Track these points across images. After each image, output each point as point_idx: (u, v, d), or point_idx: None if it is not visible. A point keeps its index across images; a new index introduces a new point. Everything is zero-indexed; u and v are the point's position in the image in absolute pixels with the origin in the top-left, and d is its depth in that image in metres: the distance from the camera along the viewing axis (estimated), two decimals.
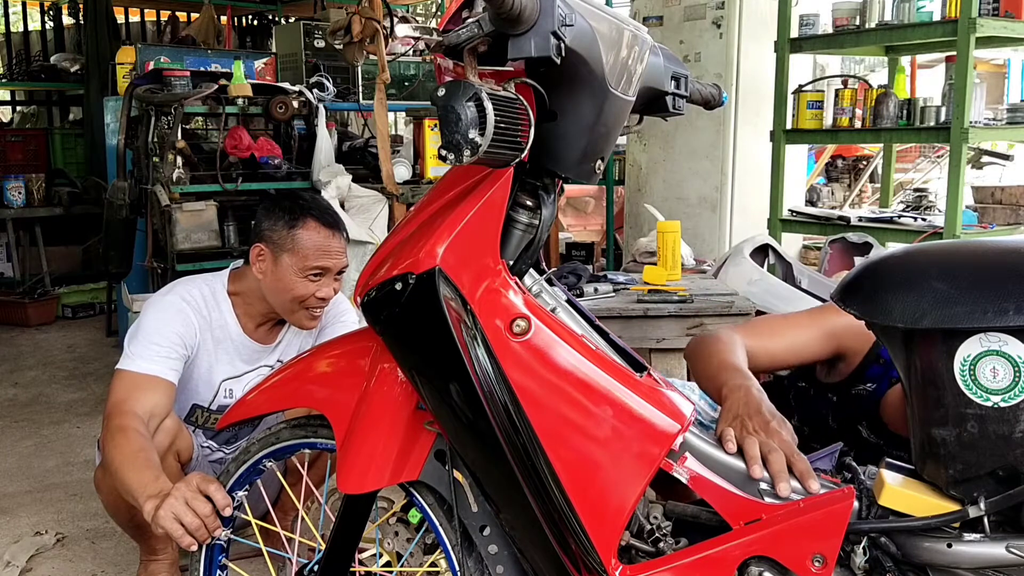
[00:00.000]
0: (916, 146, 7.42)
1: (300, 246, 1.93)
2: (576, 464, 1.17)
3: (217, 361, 2.05)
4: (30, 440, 3.43)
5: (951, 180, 3.42)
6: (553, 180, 1.23)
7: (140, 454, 1.67)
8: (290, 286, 1.95)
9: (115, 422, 1.77)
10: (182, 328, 1.95)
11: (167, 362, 1.90)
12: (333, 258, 1.96)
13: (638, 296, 2.54)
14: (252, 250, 1.98)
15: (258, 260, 1.97)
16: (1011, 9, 3.45)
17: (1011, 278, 1.06)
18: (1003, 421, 1.07)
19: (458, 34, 1.01)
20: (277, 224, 1.96)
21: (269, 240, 1.96)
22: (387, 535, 1.50)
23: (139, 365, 1.87)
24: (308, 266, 1.93)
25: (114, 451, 1.69)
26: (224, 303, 2.04)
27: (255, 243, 1.98)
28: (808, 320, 1.77)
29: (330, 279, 1.97)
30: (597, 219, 6.18)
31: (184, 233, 3.79)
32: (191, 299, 2.00)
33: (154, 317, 1.95)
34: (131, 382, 1.86)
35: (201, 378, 2.05)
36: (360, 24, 3.76)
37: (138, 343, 1.90)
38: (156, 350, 1.89)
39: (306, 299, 1.96)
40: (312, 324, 2.03)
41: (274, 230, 1.95)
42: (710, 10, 4.49)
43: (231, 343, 2.05)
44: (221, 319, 2.03)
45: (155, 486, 1.56)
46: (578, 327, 1.26)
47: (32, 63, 7.59)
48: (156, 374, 1.87)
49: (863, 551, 1.15)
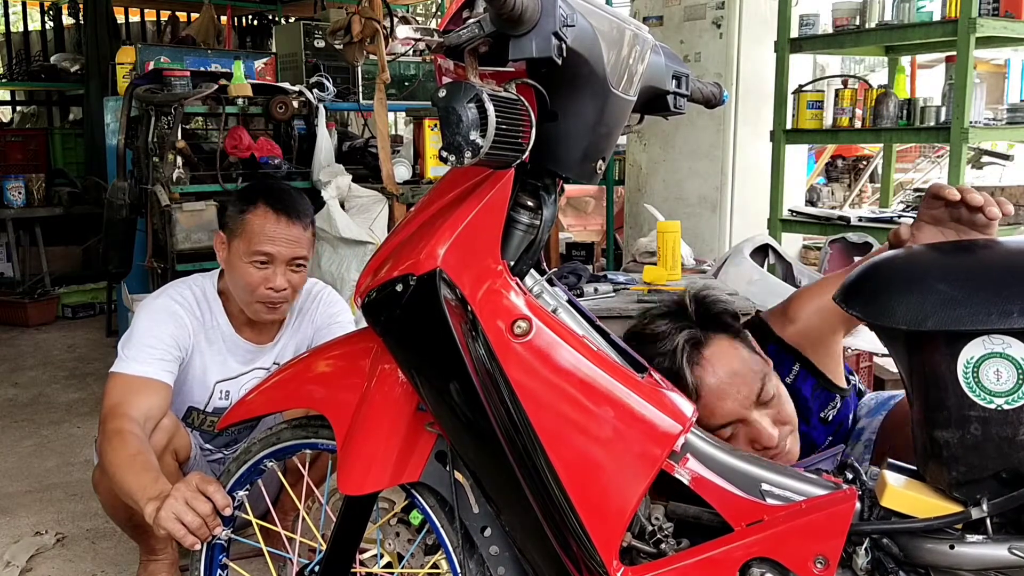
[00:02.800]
0: (916, 146, 7.42)
1: (246, 230, 1.90)
2: (577, 465, 1.17)
3: (211, 362, 2.04)
4: (30, 440, 3.43)
5: (951, 180, 3.41)
6: (554, 180, 1.23)
7: (138, 457, 1.66)
8: (240, 273, 1.91)
9: (111, 425, 1.76)
10: (175, 330, 1.94)
11: (162, 364, 1.89)
12: (279, 244, 1.89)
13: (638, 296, 2.53)
14: (215, 239, 1.97)
15: (220, 248, 1.96)
16: (1011, 9, 3.44)
17: (1015, 280, 1.05)
18: (1006, 423, 1.06)
19: (459, 35, 1.01)
20: (232, 210, 1.94)
21: (226, 227, 1.95)
22: (388, 536, 1.49)
23: (133, 368, 1.86)
24: (252, 250, 1.89)
25: (111, 455, 1.69)
26: (215, 303, 2.03)
27: (217, 232, 1.97)
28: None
29: (280, 267, 1.91)
30: (597, 219, 6.18)
31: (184, 233, 3.79)
32: (183, 300, 1.98)
33: (147, 320, 1.94)
34: (126, 385, 1.85)
35: (196, 379, 2.04)
36: (360, 24, 3.75)
37: (132, 346, 1.89)
38: (150, 352, 1.88)
39: (255, 288, 1.91)
40: (270, 317, 1.98)
41: (230, 216, 1.94)
42: (710, 10, 4.49)
43: (224, 343, 2.04)
44: (213, 319, 2.03)
45: (154, 488, 1.56)
46: (579, 327, 1.25)
47: (32, 63, 7.59)
48: (151, 376, 1.86)
49: (865, 552, 1.15)
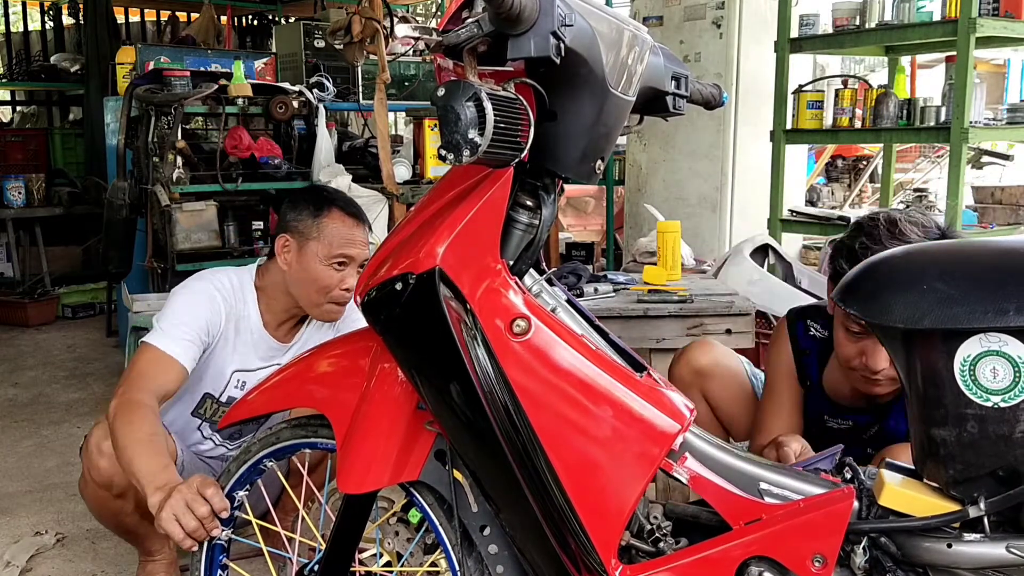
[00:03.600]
0: (916, 146, 7.42)
1: (325, 234, 1.96)
2: (576, 464, 1.17)
3: (234, 352, 2.06)
4: (30, 440, 3.43)
5: (951, 180, 3.42)
6: (553, 180, 1.23)
7: (154, 438, 1.67)
8: (315, 275, 1.96)
9: (132, 395, 1.77)
10: (209, 315, 1.97)
11: (190, 348, 1.91)
12: (357, 247, 1.98)
13: (638, 296, 2.54)
14: (277, 241, 2.01)
15: (283, 251, 2.00)
16: (1011, 9, 3.44)
17: (1011, 278, 1.06)
18: (1003, 421, 1.07)
19: (458, 34, 1.01)
20: (302, 214, 1.99)
21: (295, 230, 1.98)
22: (387, 535, 1.50)
23: (166, 343, 1.88)
24: (333, 254, 1.96)
25: (126, 427, 1.68)
26: (250, 295, 2.06)
27: (281, 234, 2.00)
28: (769, 389, 1.95)
29: (354, 269, 1.99)
30: (597, 219, 6.18)
31: (184, 233, 3.79)
32: (222, 287, 2.02)
33: (185, 300, 1.97)
34: (156, 358, 1.87)
35: (215, 366, 2.06)
36: (360, 24, 3.76)
37: (167, 320, 1.92)
38: (183, 331, 1.91)
39: (331, 289, 1.97)
40: (337, 315, 2.04)
41: (300, 220, 1.98)
42: (710, 10, 4.49)
43: (250, 336, 2.06)
44: (245, 311, 2.05)
45: (163, 477, 1.56)
46: (578, 327, 1.25)
47: (32, 63, 7.59)
48: (176, 357, 1.88)
49: (863, 551, 1.15)
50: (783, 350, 1.93)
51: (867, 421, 1.86)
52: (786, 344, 1.93)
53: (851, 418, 1.88)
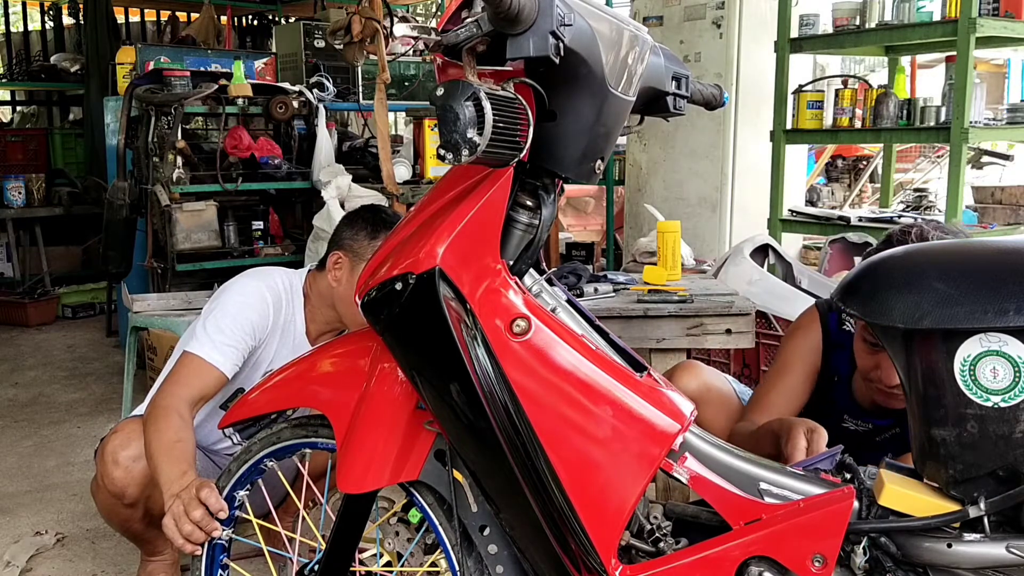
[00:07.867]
0: (916, 146, 7.42)
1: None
2: (576, 464, 1.17)
3: (275, 355, 2.05)
4: (30, 440, 3.44)
5: (951, 180, 3.42)
6: (553, 180, 1.23)
7: (178, 445, 1.68)
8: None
9: (165, 400, 1.78)
10: (258, 318, 1.96)
11: (233, 355, 1.90)
12: None
13: (638, 296, 2.54)
14: (330, 258, 2.01)
15: (335, 267, 2.00)
16: (1011, 9, 3.44)
17: (1011, 278, 1.06)
18: (1003, 421, 1.07)
19: (457, 34, 1.01)
20: (359, 234, 1.99)
21: (349, 248, 1.99)
22: (387, 535, 1.50)
23: (210, 353, 1.87)
24: None
25: (154, 434, 1.71)
26: (298, 300, 2.07)
27: (334, 251, 2.00)
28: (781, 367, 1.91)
29: None
30: (597, 219, 6.18)
31: (184, 233, 3.79)
32: (273, 290, 2.01)
33: (236, 301, 1.95)
34: (196, 367, 1.86)
35: (252, 366, 2.05)
36: (360, 24, 3.76)
37: (214, 324, 1.90)
38: (228, 338, 1.89)
39: None
40: None
41: (355, 239, 1.99)
42: (710, 10, 4.49)
43: (292, 341, 2.06)
44: (292, 315, 2.06)
45: (180, 482, 1.57)
46: (578, 327, 1.25)
47: (32, 63, 7.59)
48: (218, 365, 1.87)
49: (863, 551, 1.15)
50: (811, 337, 1.88)
51: (887, 424, 1.84)
52: (816, 333, 1.88)
53: (871, 421, 1.86)
